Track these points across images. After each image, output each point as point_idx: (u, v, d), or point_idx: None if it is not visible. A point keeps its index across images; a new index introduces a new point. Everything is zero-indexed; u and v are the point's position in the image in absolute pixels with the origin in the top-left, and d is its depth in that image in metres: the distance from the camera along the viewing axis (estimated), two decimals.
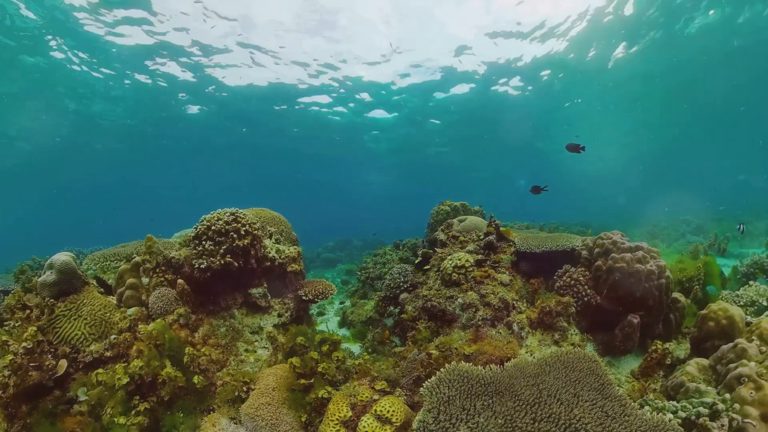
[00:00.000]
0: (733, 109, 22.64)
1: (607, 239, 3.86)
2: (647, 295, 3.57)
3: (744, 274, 5.43)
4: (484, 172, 39.87)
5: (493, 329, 3.34)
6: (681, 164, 40.69)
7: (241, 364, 3.12)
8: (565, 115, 23.17)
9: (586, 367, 2.30)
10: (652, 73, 17.69)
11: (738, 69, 17.44)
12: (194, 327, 3.20)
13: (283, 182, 44.55)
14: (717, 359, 2.80)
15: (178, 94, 18.42)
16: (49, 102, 17.37)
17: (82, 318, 3.10)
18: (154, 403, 2.57)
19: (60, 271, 3.14)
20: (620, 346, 3.58)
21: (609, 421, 1.93)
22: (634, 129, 26.15)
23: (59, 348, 2.95)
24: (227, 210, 3.44)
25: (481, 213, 6.41)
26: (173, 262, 3.35)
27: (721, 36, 14.92)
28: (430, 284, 3.96)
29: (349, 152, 29.93)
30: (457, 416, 1.92)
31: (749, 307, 3.76)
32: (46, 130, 20.10)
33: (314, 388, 2.47)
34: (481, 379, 2.14)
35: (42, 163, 25.70)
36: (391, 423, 2.14)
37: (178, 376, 2.58)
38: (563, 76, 18.22)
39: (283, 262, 3.75)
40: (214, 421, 2.54)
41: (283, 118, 22.21)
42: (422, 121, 23.82)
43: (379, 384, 2.46)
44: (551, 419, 1.90)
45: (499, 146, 29.16)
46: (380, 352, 4.17)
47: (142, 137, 23.51)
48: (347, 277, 11.43)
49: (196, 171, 34.98)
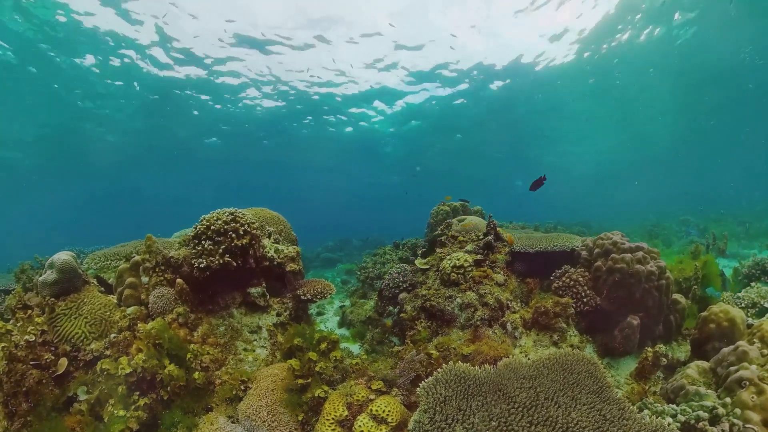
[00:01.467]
0: (734, 110, 22.53)
1: (607, 240, 3.84)
2: (647, 296, 3.56)
3: (745, 275, 5.40)
4: (485, 173, 39.83)
5: (489, 329, 3.33)
6: (682, 164, 40.51)
7: (240, 363, 3.13)
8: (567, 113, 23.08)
9: (584, 370, 2.28)
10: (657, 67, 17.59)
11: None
12: (193, 326, 3.21)
13: (283, 182, 44.63)
14: (718, 362, 2.78)
15: (185, 91, 18.37)
16: (47, 99, 17.40)
17: (82, 317, 3.12)
18: (154, 401, 2.58)
19: (61, 270, 3.16)
20: (620, 347, 3.56)
21: (607, 425, 1.92)
22: (636, 127, 26.07)
23: (60, 346, 2.97)
24: (226, 210, 3.45)
25: (481, 213, 6.39)
26: (172, 262, 3.36)
27: (728, 38, 14.84)
28: (429, 284, 3.95)
29: (350, 152, 29.98)
30: (453, 416, 1.91)
31: (750, 309, 3.73)
32: (44, 127, 20.12)
33: (311, 387, 2.48)
34: (477, 379, 2.13)
35: (41, 162, 25.84)
36: (386, 423, 2.14)
37: (180, 375, 2.59)
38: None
39: (282, 262, 3.75)
40: (212, 420, 2.54)
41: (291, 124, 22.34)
42: (424, 123, 23.84)
43: (376, 384, 2.46)
44: (548, 422, 1.89)
45: (498, 147, 29.16)
46: (379, 352, 4.17)
47: (144, 136, 23.59)
48: (347, 276, 11.43)
49: (196, 171, 35.10)
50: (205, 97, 18.89)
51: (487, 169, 37.43)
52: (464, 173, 39.01)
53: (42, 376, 2.73)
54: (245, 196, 50.99)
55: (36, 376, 2.69)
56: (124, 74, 16.11)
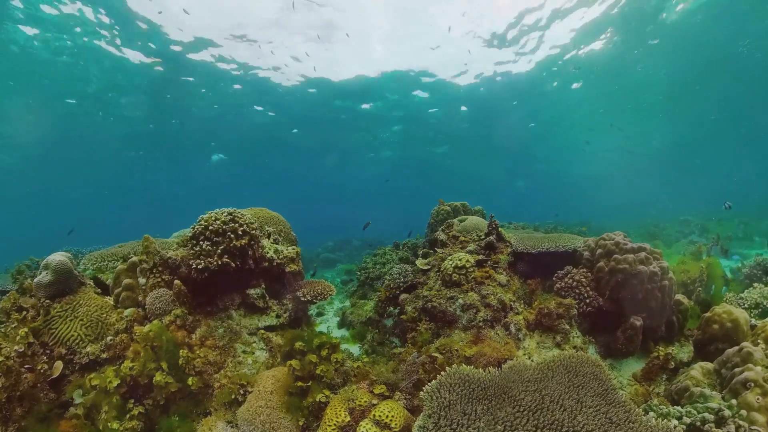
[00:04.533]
0: (735, 110, 22.58)
1: (609, 240, 3.82)
2: (650, 297, 3.53)
3: (746, 276, 5.39)
4: (484, 173, 39.84)
5: (492, 330, 3.30)
6: (684, 163, 40.58)
7: (239, 366, 3.08)
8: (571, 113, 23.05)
9: (589, 372, 2.25)
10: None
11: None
12: (191, 328, 3.16)
13: (283, 182, 44.50)
14: (722, 363, 2.76)
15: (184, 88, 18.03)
16: (45, 96, 17.17)
17: (78, 319, 3.06)
18: (150, 407, 2.53)
19: (56, 272, 3.10)
20: (622, 348, 3.53)
21: (613, 428, 1.88)
22: (639, 126, 26.10)
23: (55, 349, 2.91)
24: (225, 210, 3.40)
25: (482, 213, 6.36)
26: (170, 263, 3.31)
27: (724, 37, 14.86)
28: (430, 284, 3.91)
29: (350, 152, 29.90)
30: (458, 421, 1.88)
31: (754, 310, 3.72)
32: (42, 125, 19.91)
33: (312, 391, 2.43)
34: (481, 383, 2.09)
35: (40, 161, 25.63)
36: (390, 428, 2.10)
37: (170, 382, 2.53)
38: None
39: (282, 263, 3.71)
40: (211, 425, 2.50)
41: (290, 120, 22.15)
42: (425, 119, 23.76)
43: (378, 388, 2.42)
44: (554, 426, 1.86)
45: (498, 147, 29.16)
46: (380, 353, 4.12)
47: (144, 135, 23.43)
48: (347, 277, 11.38)
49: (195, 171, 34.93)
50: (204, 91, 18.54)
51: (487, 168, 37.47)
52: (465, 172, 39.02)
53: (37, 379, 2.68)
54: (245, 195, 50.84)
55: (30, 380, 2.64)
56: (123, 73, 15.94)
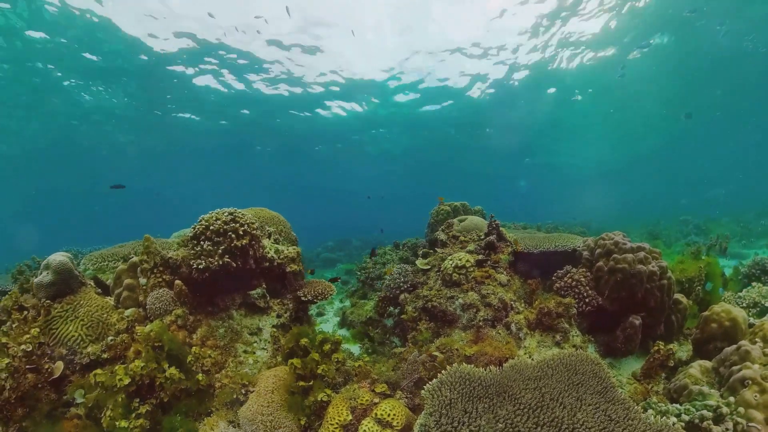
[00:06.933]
0: (735, 111, 22.64)
1: (608, 240, 3.84)
2: (649, 296, 3.55)
3: (745, 275, 5.41)
4: (485, 172, 39.90)
5: (492, 330, 3.31)
6: (683, 163, 40.68)
7: (240, 366, 3.09)
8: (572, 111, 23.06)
9: (588, 370, 2.27)
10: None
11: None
12: (192, 328, 3.16)
13: (282, 182, 44.48)
14: (720, 361, 2.78)
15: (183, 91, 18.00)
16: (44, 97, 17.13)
17: (78, 319, 3.07)
18: (153, 406, 2.53)
19: (56, 272, 3.10)
20: (621, 347, 3.55)
21: (613, 425, 1.90)
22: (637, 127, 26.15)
23: (55, 350, 2.92)
24: (225, 210, 3.40)
25: (482, 213, 6.38)
26: (171, 263, 3.31)
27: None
28: (430, 284, 3.93)
29: (350, 153, 29.91)
30: (459, 419, 1.89)
31: (752, 309, 3.74)
32: (41, 126, 19.86)
33: (313, 390, 2.44)
34: (482, 381, 2.11)
35: (39, 161, 25.59)
36: (391, 427, 2.11)
37: (182, 377, 2.55)
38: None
39: (282, 263, 3.71)
40: (213, 425, 2.51)
41: (288, 120, 22.14)
42: (423, 121, 23.80)
43: (380, 387, 2.43)
44: (554, 423, 1.87)
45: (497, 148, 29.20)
46: (380, 353, 4.13)
47: (143, 134, 23.38)
48: (347, 276, 11.38)
49: (195, 171, 34.91)
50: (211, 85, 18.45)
51: (488, 168, 37.50)
52: (465, 171, 39.04)
53: (38, 380, 2.68)
54: (245, 195, 50.80)
55: (31, 381, 2.64)
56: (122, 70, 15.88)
